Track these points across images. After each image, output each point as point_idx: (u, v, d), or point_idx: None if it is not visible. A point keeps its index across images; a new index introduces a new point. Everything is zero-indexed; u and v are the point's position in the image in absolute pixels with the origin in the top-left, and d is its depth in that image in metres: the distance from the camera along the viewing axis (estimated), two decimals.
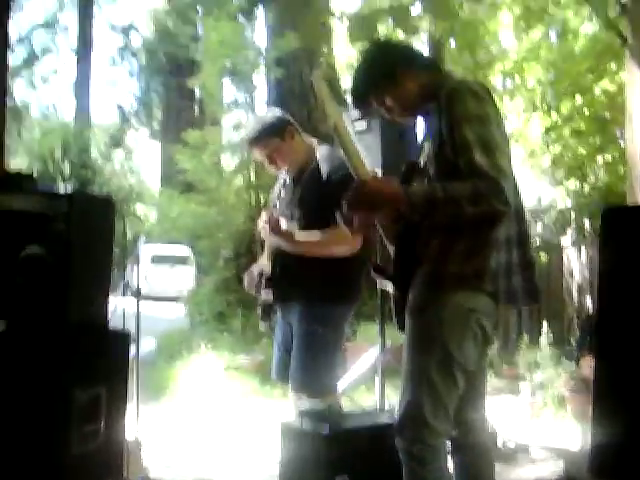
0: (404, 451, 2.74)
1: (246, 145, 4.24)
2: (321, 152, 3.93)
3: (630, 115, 5.74)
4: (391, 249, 3.01)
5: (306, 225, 3.81)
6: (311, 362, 3.78)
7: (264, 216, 3.88)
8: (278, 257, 3.86)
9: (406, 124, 3.95)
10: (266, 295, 3.87)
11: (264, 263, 3.94)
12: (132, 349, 5.54)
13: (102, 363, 3.04)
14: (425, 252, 2.79)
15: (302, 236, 3.80)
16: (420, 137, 3.19)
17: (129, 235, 6.72)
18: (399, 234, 2.93)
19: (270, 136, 3.91)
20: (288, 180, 4.02)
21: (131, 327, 5.56)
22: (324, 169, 3.82)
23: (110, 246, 3.29)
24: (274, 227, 3.79)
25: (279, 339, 4.05)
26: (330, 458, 3.31)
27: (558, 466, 3.66)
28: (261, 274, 3.92)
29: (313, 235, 3.77)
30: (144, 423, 4.95)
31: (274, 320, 4.03)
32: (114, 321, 5.67)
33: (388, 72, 2.92)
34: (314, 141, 4.07)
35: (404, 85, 2.92)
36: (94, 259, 3.13)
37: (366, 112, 3.22)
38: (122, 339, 3.23)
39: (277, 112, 4.08)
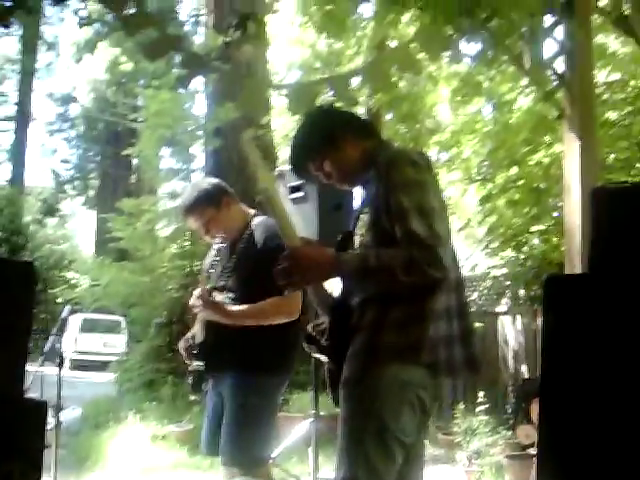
0: None
1: (181, 213, 4.18)
2: (256, 221, 3.91)
3: (568, 187, 5.83)
4: (326, 320, 2.93)
5: (241, 294, 3.76)
6: (243, 435, 3.68)
7: (197, 292, 3.80)
8: (210, 326, 3.78)
9: (343, 194, 3.95)
10: (197, 364, 3.78)
11: (197, 329, 3.85)
12: (53, 419, 5.42)
13: (15, 436, 2.87)
14: (360, 322, 2.74)
15: (237, 309, 3.73)
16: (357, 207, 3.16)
17: (59, 302, 6.63)
18: (333, 304, 2.91)
19: (205, 205, 3.88)
20: (223, 249, 3.96)
21: (59, 395, 5.50)
22: (259, 237, 3.80)
23: (29, 314, 3.13)
24: (207, 301, 3.72)
25: (209, 411, 3.94)
26: None
27: None
28: (192, 342, 3.84)
29: (250, 307, 3.70)
30: None
31: (205, 390, 3.92)
32: (37, 389, 5.54)
33: (328, 136, 2.92)
34: (251, 211, 4.05)
35: (344, 150, 2.92)
36: (9, 328, 2.99)
37: (304, 178, 3.18)
38: (37, 409, 3.05)
39: (213, 180, 4.07)
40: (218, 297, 3.77)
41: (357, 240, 2.90)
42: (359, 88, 8.35)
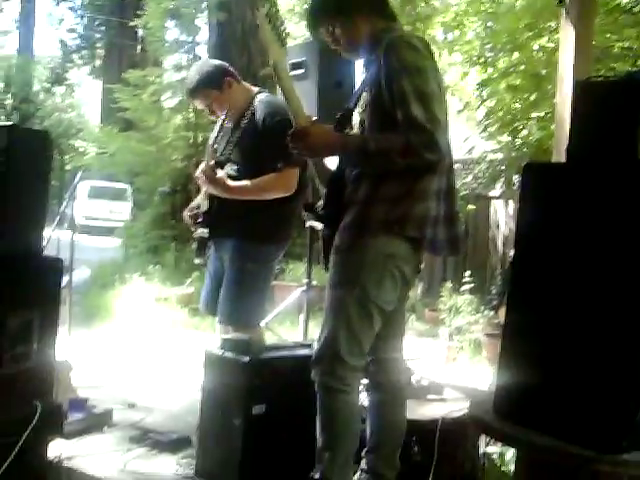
0: (318, 383, 2.88)
1: (186, 95, 4.35)
2: (259, 98, 4.03)
3: (561, 75, 5.80)
4: (323, 191, 3.13)
5: (244, 166, 3.91)
6: (240, 297, 3.94)
7: (201, 166, 3.97)
8: (213, 196, 3.97)
9: (344, 71, 4.09)
10: (201, 231, 4.00)
11: (201, 199, 4.05)
12: (66, 277, 5.73)
13: (35, 289, 3.15)
14: (354, 195, 2.91)
15: (237, 184, 3.89)
16: (357, 86, 3.24)
17: (68, 169, 6.78)
18: (331, 177, 3.07)
19: (208, 88, 4.03)
20: (227, 124, 4.11)
21: (71, 256, 5.78)
22: (260, 114, 3.92)
23: (47, 179, 3.37)
24: (210, 177, 3.88)
25: (211, 273, 4.20)
26: (249, 386, 3.41)
27: (467, 405, 3.88)
28: (198, 210, 4.05)
29: (248, 183, 3.86)
30: (76, 346, 5.11)
31: (208, 255, 4.16)
32: (52, 250, 5.84)
33: (345, 8, 3.00)
34: (254, 88, 4.17)
35: (355, 22, 3.00)
36: (30, 191, 3.22)
37: (317, 39, 3.26)
38: (55, 266, 3.33)
39: (215, 62, 4.18)
40: (220, 172, 3.91)
41: (356, 118, 3.01)
42: None
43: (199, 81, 4.04)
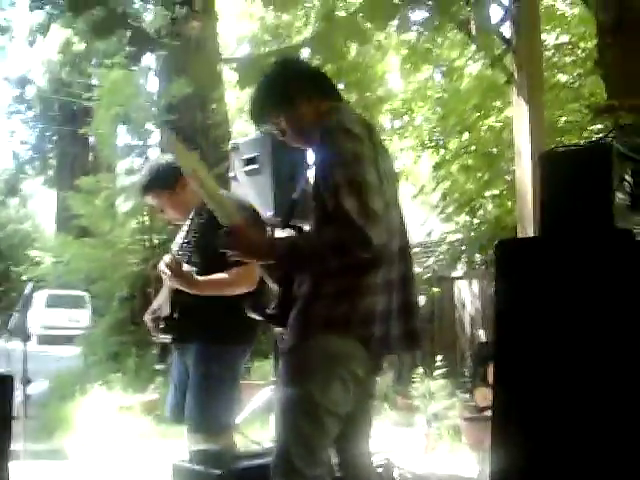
0: None
1: (138, 193, 4.24)
2: None
3: (519, 151, 5.86)
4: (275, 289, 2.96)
5: (203, 267, 3.79)
6: (207, 403, 3.76)
7: (166, 259, 3.81)
8: (175, 298, 3.82)
9: (297, 164, 4.00)
10: (163, 337, 3.85)
11: (162, 302, 3.90)
12: (23, 391, 5.55)
13: None
14: (298, 292, 2.74)
15: (202, 279, 3.77)
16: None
17: (24, 279, 6.71)
18: (280, 275, 2.90)
19: (161, 187, 3.94)
20: (184, 225, 4.00)
21: (29, 369, 5.59)
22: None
23: None
24: (176, 270, 3.74)
25: (175, 379, 4.03)
26: None
27: None
28: (158, 315, 3.88)
29: (214, 277, 3.74)
30: (33, 465, 4.86)
31: (170, 361, 4.02)
32: (9, 363, 5.65)
33: (282, 94, 2.87)
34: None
35: (299, 111, 2.85)
36: None
37: (264, 132, 3.15)
38: (4, 383, 3.16)
39: (168, 160, 3.99)
40: (186, 267, 3.78)
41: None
42: (309, 59, 8.39)
43: (152, 180, 3.95)
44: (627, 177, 2.49)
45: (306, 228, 2.87)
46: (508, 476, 2.33)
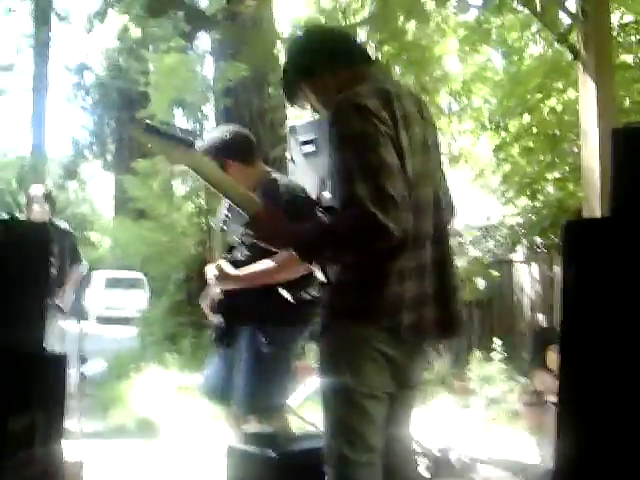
0: None
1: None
2: (269, 178, 3.93)
3: (585, 131, 5.73)
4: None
5: (254, 250, 3.69)
6: (260, 384, 3.73)
7: (211, 269, 3.82)
8: None
9: None
10: (219, 320, 3.86)
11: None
12: (78, 370, 5.61)
13: (36, 388, 2.95)
14: (330, 276, 2.61)
15: (246, 272, 3.73)
16: None
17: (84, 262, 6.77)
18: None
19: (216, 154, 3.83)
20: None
21: (87, 349, 5.67)
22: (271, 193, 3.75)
23: (45, 272, 3.22)
24: (221, 277, 3.74)
25: (223, 360, 4.00)
26: None
27: None
28: (212, 297, 3.89)
29: (260, 265, 3.68)
30: (89, 442, 4.87)
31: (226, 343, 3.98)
32: (68, 343, 5.72)
33: (303, 65, 2.77)
34: (265, 170, 4.05)
35: (323, 82, 2.74)
36: (28, 285, 3.07)
37: (297, 106, 2.98)
38: (58, 362, 3.14)
39: (235, 135, 4.01)
40: (226, 266, 3.76)
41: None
42: (366, 39, 8.29)
43: (209, 146, 3.92)
44: None
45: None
46: (574, 464, 2.21)
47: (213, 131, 4.14)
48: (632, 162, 2.28)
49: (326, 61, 2.74)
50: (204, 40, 15.33)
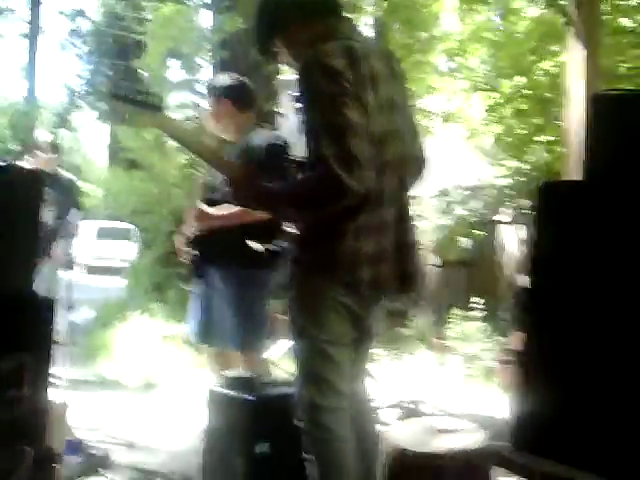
0: (305, 434, 2.71)
1: None
2: (257, 130, 4.12)
3: (570, 94, 5.78)
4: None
5: None
6: (239, 322, 3.94)
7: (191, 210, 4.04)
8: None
9: None
10: (193, 253, 4.04)
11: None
12: (66, 316, 5.68)
13: (26, 330, 3.04)
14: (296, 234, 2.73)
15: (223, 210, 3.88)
16: None
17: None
18: None
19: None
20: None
21: (75, 297, 5.72)
22: (258, 144, 3.95)
23: (36, 218, 3.29)
24: (200, 216, 3.95)
25: (203, 302, 4.16)
26: (252, 425, 3.33)
27: (483, 436, 3.73)
28: (189, 235, 4.07)
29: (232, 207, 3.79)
30: (74, 386, 4.97)
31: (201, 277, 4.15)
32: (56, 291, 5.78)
33: (274, 18, 2.81)
34: (253, 120, 4.23)
35: (292, 32, 2.78)
36: (19, 229, 3.14)
37: (268, 58, 3.06)
38: (47, 306, 3.23)
39: (233, 81, 4.26)
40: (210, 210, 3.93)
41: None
42: None
43: (214, 89, 4.23)
44: None
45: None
46: (528, 420, 2.32)
47: (217, 77, 4.29)
48: (607, 128, 2.35)
49: (298, 15, 2.77)
50: None
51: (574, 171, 5.66)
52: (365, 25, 11.01)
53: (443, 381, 6.51)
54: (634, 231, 2.11)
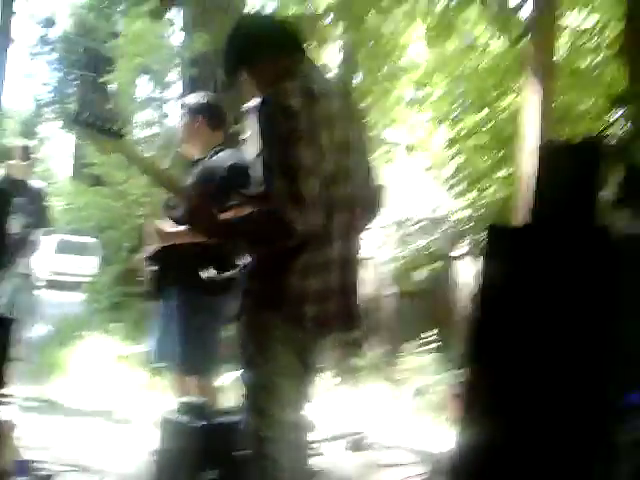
0: (249, 460, 2.76)
1: None
2: (221, 149, 4.23)
3: (523, 135, 5.87)
4: None
5: None
6: (190, 344, 4.01)
7: (152, 228, 4.08)
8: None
9: None
10: (152, 267, 4.10)
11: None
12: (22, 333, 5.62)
13: None
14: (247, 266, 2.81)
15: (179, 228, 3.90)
16: None
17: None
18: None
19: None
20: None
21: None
22: (221, 164, 4.06)
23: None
24: (159, 234, 3.99)
25: (162, 324, 4.22)
26: (201, 451, 3.38)
27: (424, 470, 3.77)
28: (150, 251, 4.13)
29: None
30: (25, 405, 4.93)
31: (160, 294, 4.22)
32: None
33: (244, 50, 2.87)
34: (221, 139, 4.33)
35: (259, 67, 2.85)
36: None
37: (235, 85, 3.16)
38: (3, 325, 3.24)
39: (211, 100, 4.41)
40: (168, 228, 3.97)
41: None
42: (331, 26, 8.33)
43: (191, 106, 4.33)
44: (618, 174, 2.56)
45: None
46: (473, 454, 2.39)
47: (192, 95, 4.36)
48: (551, 176, 2.47)
49: (266, 51, 2.84)
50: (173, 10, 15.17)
51: (524, 211, 5.76)
52: (333, 54, 11.13)
53: (393, 413, 6.53)
54: (572, 272, 2.22)
